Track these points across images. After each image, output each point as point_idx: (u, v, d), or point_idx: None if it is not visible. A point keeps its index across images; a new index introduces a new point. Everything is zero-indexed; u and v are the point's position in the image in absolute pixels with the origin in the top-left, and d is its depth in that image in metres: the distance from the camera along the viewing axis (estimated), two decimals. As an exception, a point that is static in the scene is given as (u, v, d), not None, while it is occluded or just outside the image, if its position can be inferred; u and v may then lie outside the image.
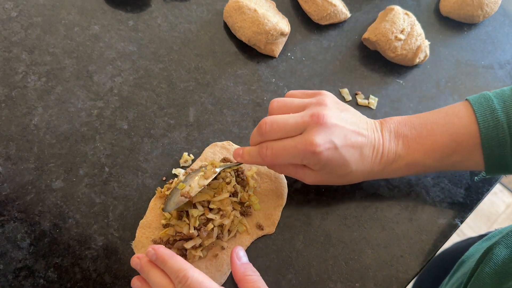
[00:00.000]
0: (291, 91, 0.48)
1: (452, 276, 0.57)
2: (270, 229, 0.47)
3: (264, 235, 0.47)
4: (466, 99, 0.45)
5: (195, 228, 0.43)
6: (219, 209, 0.44)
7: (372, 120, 0.46)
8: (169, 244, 0.44)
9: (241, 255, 0.41)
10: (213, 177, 0.44)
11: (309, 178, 0.44)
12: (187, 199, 0.43)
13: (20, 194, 0.47)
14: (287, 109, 0.43)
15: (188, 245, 0.43)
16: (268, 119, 0.42)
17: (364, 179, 0.46)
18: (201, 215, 0.43)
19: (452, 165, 0.44)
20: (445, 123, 0.43)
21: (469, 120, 0.42)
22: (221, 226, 0.44)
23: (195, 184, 0.44)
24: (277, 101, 0.45)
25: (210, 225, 0.43)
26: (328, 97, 0.44)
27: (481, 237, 0.62)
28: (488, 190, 0.52)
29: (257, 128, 0.43)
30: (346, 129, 0.42)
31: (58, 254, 0.44)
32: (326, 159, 0.41)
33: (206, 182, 0.44)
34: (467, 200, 0.51)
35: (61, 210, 0.47)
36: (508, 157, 0.42)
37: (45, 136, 0.51)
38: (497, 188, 1.58)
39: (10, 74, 0.54)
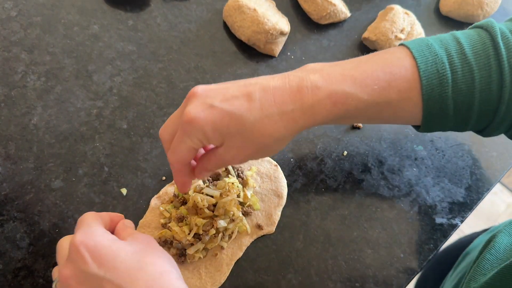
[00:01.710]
0: None
1: (456, 267, 0.57)
2: (270, 229, 0.47)
3: (264, 235, 0.47)
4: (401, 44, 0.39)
5: (196, 234, 0.43)
6: (225, 211, 0.44)
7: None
8: (167, 244, 0.44)
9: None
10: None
11: (227, 156, 0.37)
12: None
13: (19, 193, 0.47)
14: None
15: (191, 250, 0.42)
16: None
17: (292, 131, 0.36)
18: (206, 223, 0.43)
19: (388, 103, 0.36)
20: (376, 58, 0.37)
21: (405, 53, 0.37)
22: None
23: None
24: None
25: (213, 231, 0.42)
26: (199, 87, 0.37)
27: (485, 230, 0.62)
28: (488, 190, 0.52)
29: None
30: (226, 86, 0.36)
31: (57, 254, 0.44)
32: (209, 123, 0.34)
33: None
34: (467, 200, 0.51)
35: (61, 209, 0.47)
36: (449, 101, 0.36)
37: (45, 135, 0.51)
38: (497, 188, 1.58)
39: (9, 73, 0.54)
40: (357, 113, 0.37)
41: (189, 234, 0.42)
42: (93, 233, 0.33)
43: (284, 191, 0.49)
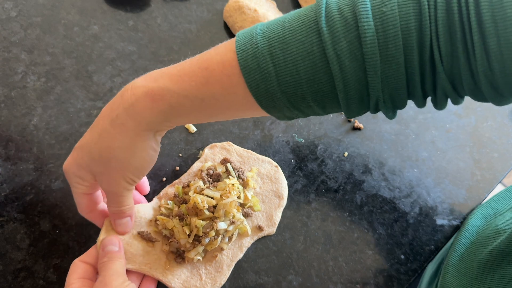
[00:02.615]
0: None
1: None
2: (270, 230, 0.47)
3: (264, 236, 0.47)
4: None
5: (196, 236, 0.42)
6: (225, 213, 0.44)
7: None
8: (166, 240, 0.44)
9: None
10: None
11: (104, 186, 0.38)
12: None
13: (19, 194, 0.47)
14: None
15: (191, 254, 0.42)
16: None
17: (128, 136, 0.36)
18: (206, 225, 0.43)
19: (214, 96, 0.35)
20: (201, 55, 0.36)
21: (229, 48, 0.35)
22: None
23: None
24: None
25: (212, 233, 0.42)
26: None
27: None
28: (489, 191, 0.52)
29: None
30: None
31: (57, 255, 0.44)
32: (72, 163, 0.37)
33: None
34: (468, 201, 0.51)
35: (61, 210, 0.46)
36: (278, 94, 0.34)
37: (45, 136, 0.51)
38: (498, 189, 1.58)
39: (9, 74, 0.54)
40: (185, 109, 0.36)
41: (189, 236, 0.42)
42: None
43: (285, 192, 0.49)
